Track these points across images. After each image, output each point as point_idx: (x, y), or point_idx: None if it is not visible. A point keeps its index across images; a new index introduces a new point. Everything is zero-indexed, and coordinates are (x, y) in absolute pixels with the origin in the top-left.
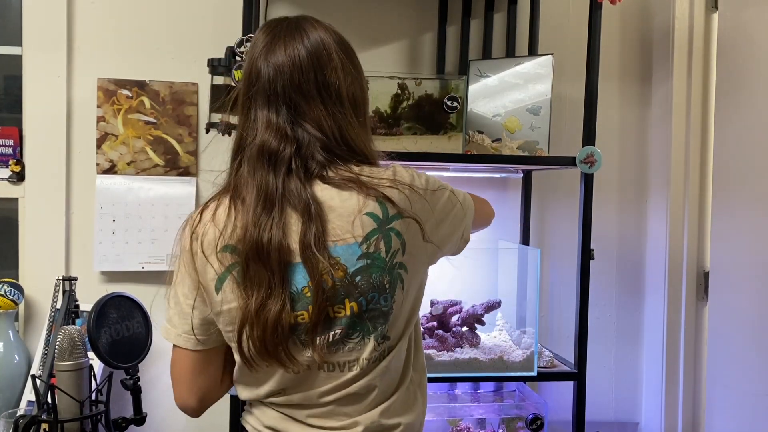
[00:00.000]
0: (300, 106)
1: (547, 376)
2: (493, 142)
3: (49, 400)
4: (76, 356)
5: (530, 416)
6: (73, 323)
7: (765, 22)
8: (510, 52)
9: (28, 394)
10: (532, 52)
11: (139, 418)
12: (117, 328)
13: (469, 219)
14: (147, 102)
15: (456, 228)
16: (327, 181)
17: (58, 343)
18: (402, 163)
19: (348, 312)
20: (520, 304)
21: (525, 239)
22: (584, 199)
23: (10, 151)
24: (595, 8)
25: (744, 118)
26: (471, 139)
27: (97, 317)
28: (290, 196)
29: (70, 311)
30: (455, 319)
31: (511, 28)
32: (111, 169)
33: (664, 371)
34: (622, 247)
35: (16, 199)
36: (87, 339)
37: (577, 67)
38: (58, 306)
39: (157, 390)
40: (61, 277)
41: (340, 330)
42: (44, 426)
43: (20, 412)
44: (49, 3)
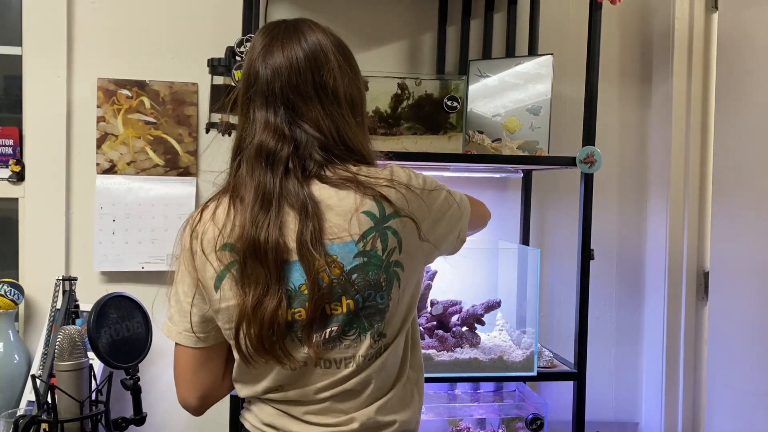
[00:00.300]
0: (298, 107)
1: (547, 376)
2: (493, 142)
3: (49, 400)
4: (76, 356)
5: (530, 416)
6: (73, 323)
7: (765, 22)
8: (510, 52)
9: (28, 394)
10: (532, 52)
11: (139, 418)
12: (117, 328)
13: (466, 219)
14: (147, 102)
15: (452, 228)
16: (325, 181)
17: (58, 343)
18: (400, 163)
19: (344, 309)
20: (520, 304)
21: (525, 239)
22: (584, 199)
23: (10, 151)
24: (595, 8)
25: (744, 118)
26: (471, 139)
27: (97, 317)
28: (288, 195)
29: (70, 311)
30: (455, 319)
31: (511, 28)
32: (111, 169)
33: (664, 371)
34: (622, 247)
35: (16, 199)
36: (87, 339)
37: (577, 67)
38: (58, 306)
39: (157, 390)
40: (61, 277)
41: (336, 327)
42: (44, 426)
43: (20, 412)
44: (49, 3)
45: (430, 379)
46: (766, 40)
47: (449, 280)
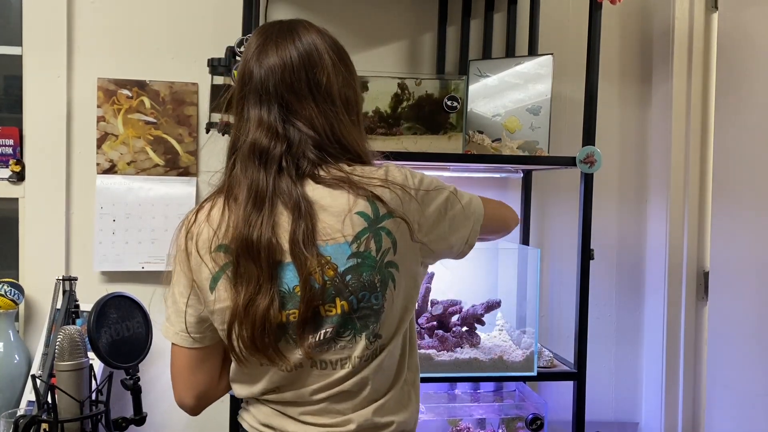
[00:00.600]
0: (292, 105)
1: (547, 376)
2: (493, 142)
3: (49, 400)
4: (76, 356)
5: (530, 416)
6: (73, 323)
7: (765, 22)
8: (510, 52)
9: (28, 394)
10: (532, 52)
11: (139, 418)
12: (117, 328)
13: (475, 223)
14: (147, 102)
15: (454, 230)
16: (318, 180)
17: (58, 343)
18: (399, 163)
19: (339, 311)
20: (520, 304)
21: (525, 239)
22: (584, 199)
23: (10, 151)
24: (595, 8)
25: (744, 117)
26: (471, 139)
27: (97, 317)
28: (281, 194)
29: (70, 311)
30: (455, 319)
31: (511, 28)
32: (111, 169)
33: (664, 371)
34: (622, 247)
35: (16, 199)
36: (87, 339)
37: (577, 67)
38: (58, 306)
39: (157, 390)
40: (61, 277)
41: (331, 328)
42: (44, 426)
43: (20, 412)
44: (49, 3)
45: (430, 379)
46: (766, 40)
47: (449, 280)
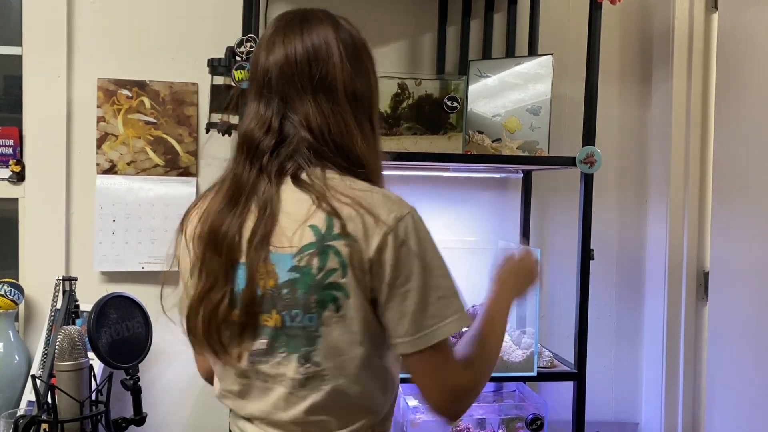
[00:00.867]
0: (292, 100)
1: (547, 376)
2: (493, 142)
3: (49, 400)
4: (76, 356)
5: (530, 416)
6: (73, 323)
7: (765, 22)
8: (510, 52)
9: (28, 394)
10: (532, 52)
11: (139, 418)
12: (117, 328)
13: (446, 330)
14: (147, 102)
15: (412, 311)
16: (297, 183)
17: (58, 343)
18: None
19: (273, 323)
20: (520, 304)
21: (525, 239)
22: (584, 199)
23: (10, 151)
24: (595, 8)
25: (744, 117)
26: (471, 139)
27: (97, 317)
28: (257, 191)
29: (70, 311)
30: None
31: (511, 28)
32: (111, 169)
33: (664, 371)
34: (622, 247)
35: (16, 199)
36: (87, 339)
37: (577, 67)
38: (58, 306)
39: (157, 390)
40: (61, 277)
41: (266, 340)
42: (44, 426)
43: (20, 412)
44: (49, 3)
45: None
46: (766, 40)
47: None
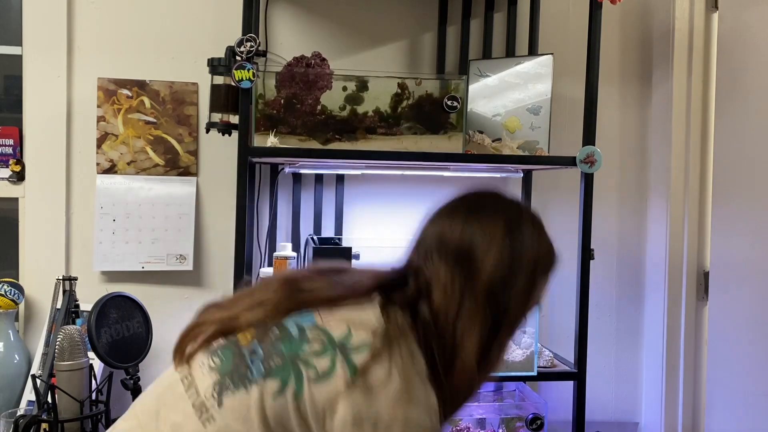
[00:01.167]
0: (432, 260)
1: (547, 375)
2: (493, 141)
3: (50, 400)
4: (76, 356)
5: (530, 416)
6: (74, 323)
7: (765, 22)
8: (510, 52)
9: (28, 394)
10: (532, 52)
11: None
12: (117, 328)
13: None
14: (147, 102)
15: None
16: (380, 308)
17: (58, 343)
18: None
19: (219, 360)
20: None
21: None
22: (584, 199)
23: (10, 151)
24: (595, 8)
25: (744, 117)
26: (471, 139)
27: (98, 317)
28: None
29: (70, 311)
30: None
31: (511, 28)
32: (111, 169)
33: (664, 371)
34: (622, 247)
35: (16, 199)
36: (87, 339)
37: (577, 67)
38: (59, 306)
39: None
40: (61, 277)
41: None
42: (44, 426)
43: (20, 412)
44: (49, 3)
45: None
46: (766, 40)
47: None
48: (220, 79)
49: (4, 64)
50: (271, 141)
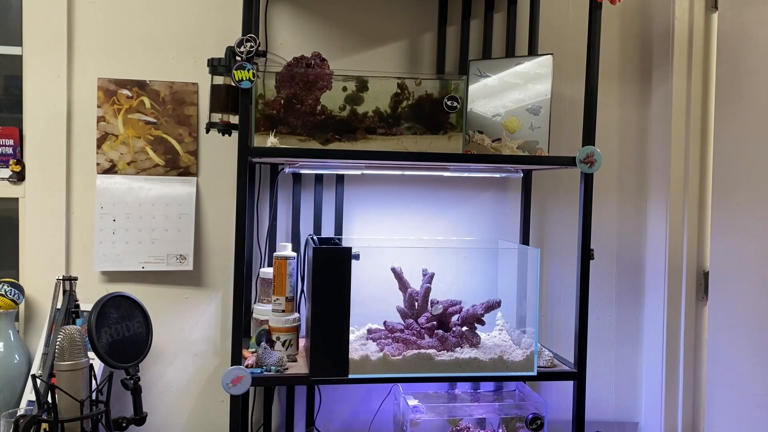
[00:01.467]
0: None
1: (547, 375)
2: (493, 142)
3: (50, 399)
4: (77, 356)
5: (530, 416)
6: (74, 323)
7: (765, 22)
8: (510, 52)
9: (29, 394)
10: (532, 52)
11: (139, 418)
12: (117, 328)
13: None
14: (147, 102)
15: None
16: None
17: (58, 343)
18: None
19: None
20: (520, 304)
21: (525, 239)
22: (584, 199)
23: (10, 151)
24: (595, 8)
25: (744, 117)
26: (471, 139)
27: (98, 317)
28: None
29: (70, 311)
30: (455, 319)
31: (511, 28)
32: (111, 169)
33: (664, 371)
34: (622, 247)
35: (16, 199)
36: (87, 339)
37: (577, 67)
38: (59, 306)
39: (157, 390)
40: (61, 277)
41: None
42: (44, 426)
43: (20, 411)
44: (49, 3)
45: (430, 379)
46: (766, 40)
47: (449, 280)
48: (220, 80)
49: (4, 64)
50: (271, 141)
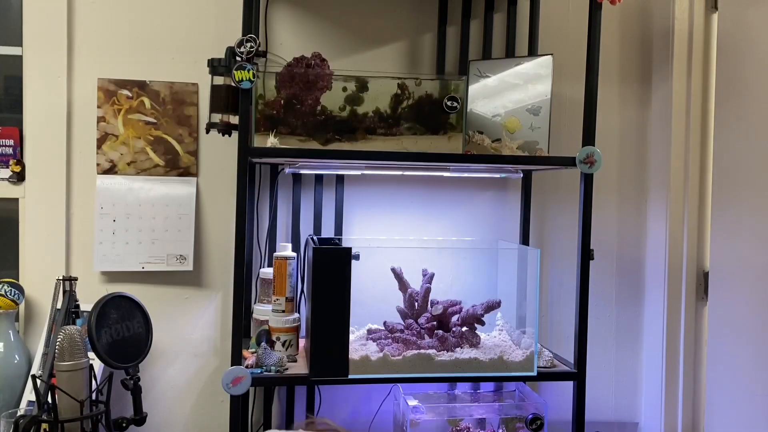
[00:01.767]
0: None
1: (547, 376)
2: (493, 142)
3: (50, 400)
4: (77, 356)
5: (530, 416)
6: (74, 323)
7: (765, 22)
8: (510, 53)
9: (29, 394)
10: (532, 52)
11: (139, 418)
12: (117, 328)
13: None
14: (147, 102)
15: None
16: None
17: (58, 343)
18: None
19: None
20: (520, 304)
21: (525, 239)
22: (584, 199)
23: (10, 151)
24: (595, 8)
25: (744, 117)
26: (471, 139)
27: (98, 317)
28: None
29: (70, 311)
30: (455, 319)
31: (511, 28)
32: (111, 169)
33: (664, 371)
34: (622, 247)
35: (16, 199)
36: (87, 339)
37: (577, 67)
38: (59, 306)
39: (157, 390)
40: (61, 277)
41: None
42: (44, 426)
43: (20, 412)
44: (49, 3)
45: (430, 379)
46: (766, 40)
47: (449, 280)
48: (220, 80)
49: (4, 64)
50: (271, 141)
